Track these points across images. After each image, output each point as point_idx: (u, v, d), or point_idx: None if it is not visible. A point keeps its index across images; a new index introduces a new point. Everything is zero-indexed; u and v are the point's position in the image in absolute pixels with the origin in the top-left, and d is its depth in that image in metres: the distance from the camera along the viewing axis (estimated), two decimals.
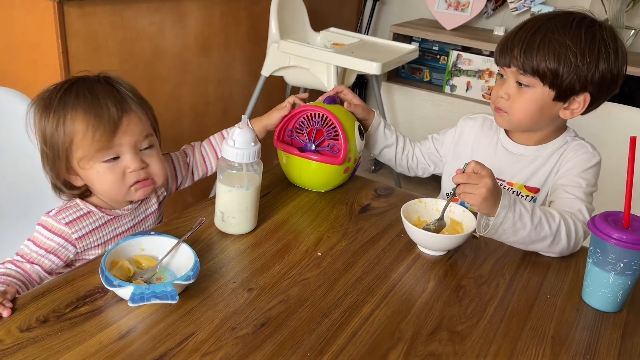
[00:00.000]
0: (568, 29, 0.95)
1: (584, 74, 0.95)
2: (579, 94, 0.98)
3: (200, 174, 1.12)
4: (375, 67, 1.88)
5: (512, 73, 1.00)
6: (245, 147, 0.88)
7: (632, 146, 0.76)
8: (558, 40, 0.95)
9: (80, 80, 0.89)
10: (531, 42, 0.96)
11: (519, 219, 0.88)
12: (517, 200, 0.89)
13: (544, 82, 0.97)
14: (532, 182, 1.06)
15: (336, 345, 0.72)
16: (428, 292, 0.84)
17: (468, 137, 1.15)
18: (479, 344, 0.74)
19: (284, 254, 0.90)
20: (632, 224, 0.78)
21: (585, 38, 0.94)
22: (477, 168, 0.87)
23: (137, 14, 1.79)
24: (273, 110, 1.11)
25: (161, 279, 0.81)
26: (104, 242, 0.93)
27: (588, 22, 0.97)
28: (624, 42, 2.29)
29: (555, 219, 0.91)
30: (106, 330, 0.70)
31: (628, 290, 0.81)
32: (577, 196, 0.97)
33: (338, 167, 1.07)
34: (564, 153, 1.04)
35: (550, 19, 0.98)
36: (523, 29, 0.99)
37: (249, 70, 2.34)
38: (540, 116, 1.01)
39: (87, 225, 0.90)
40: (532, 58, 0.96)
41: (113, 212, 0.94)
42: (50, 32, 1.58)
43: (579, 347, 0.75)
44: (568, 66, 0.95)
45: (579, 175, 1.00)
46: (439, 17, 2.61)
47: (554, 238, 0.91)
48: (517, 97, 1.01)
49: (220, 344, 0.70)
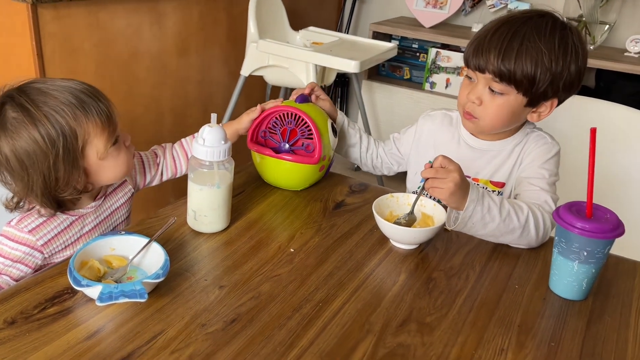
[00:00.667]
0: (543, 34, 0.94)
1: (557, 81, 0.95)
2: (548, 100, 0.99)
3: (170, 175, 1.13)
4: (353, 65, 1.89)
5: (484, 79, 0.98)
6: (216, 145, 0.89)
7: (592, 138, 0.78)
8: (535, 48, 0.93)
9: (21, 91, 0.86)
10: (509, 50, 0.94)
11: (487, 212, 0.90)
12: (486, 194, 0.90)
13: (518, 90, 0.97)
14: (497, 177, 1.08)
15: (306, 338, 0.73)
16: (399, 285, 0.85)
17: (429, 134, 1.16)
18: (447, 335, 0.76)
19: (256, 251, 0.91)
20: (594, 214, 0.80)
21: (559, 45, 0.94)
22: (444, 162, 0.88)
23: (113, 16, 1.78)
24: (243, 114, 1.12)
25: (132, 278, 0.81)
26: (72, 243, 0.93)
27: (560, 26, 0.96)
28: (600, 37, 2.33)
29: (523, 211, 0.92)
30: (74, 331, 0.70)
31: (593, 278, 0.82)
32: (542, 187, 0.99)
33: (313, 166, 1.08)
34: (525, 145, 1.06)
35: (524, 23, 0.95)
36: (498, 33, 0.96)
37: (229, 71, 2.34)
38: (510, 121, 1.02)
39: (52, 229, 0.90)
40: (510, 66, 0.94)
41: (77, 212, 0.94)
42: (24, 35, 1.57)
43: (545, 335, 0.77)
44: (544, 75, 0.94)
45: (541, 166, 1.02)
46: (417, 15, 2.63)
47: (522, 230, 0.92)
48: (489, 103, 0.99)
49: (190, 341, 0.70)
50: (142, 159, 1.08)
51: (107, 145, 0.89)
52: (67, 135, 0.84)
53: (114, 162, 0.92)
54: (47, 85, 0.86)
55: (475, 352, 0.73)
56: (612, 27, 2.36)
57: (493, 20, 1.01)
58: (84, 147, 0.87)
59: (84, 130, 0.86)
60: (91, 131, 0.87)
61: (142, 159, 1.08)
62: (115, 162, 0.92)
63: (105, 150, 0.89)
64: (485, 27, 1.00)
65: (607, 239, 0.78)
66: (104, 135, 0.89)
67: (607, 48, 2.42)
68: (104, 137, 0.89)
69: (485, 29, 0.99)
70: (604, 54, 2.30)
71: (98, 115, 0.87)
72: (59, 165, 0.84)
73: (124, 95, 1.91)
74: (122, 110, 1.96)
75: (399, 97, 2.67)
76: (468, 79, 1.03)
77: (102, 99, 0.89)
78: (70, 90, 0.86)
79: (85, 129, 0.86)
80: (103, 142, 0.89)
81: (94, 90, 0.89)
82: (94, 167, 0.90)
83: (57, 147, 0.83)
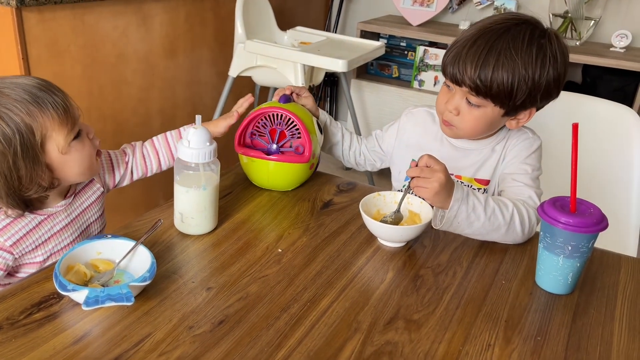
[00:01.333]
0: (520, 47, 0.92)
1: (535, 92, 0.95)
2: (526, 109, 0.99)
3: (140, 174, 1.12)
4: (341, 64, 1.89)
5: (461, 91, 0.98)
6: (201, 146, 0.89)
7: (574, 132, 0.78)
8: (511, 61, 0.92)
9: None
10: (485, 65, 0.93)
11: (472, 211, 0.90)
12: (470, 193, 0.91)
13: (495, 103, 0.97)
14: (480, 175, 1.08)
15: (294, 338, 0.73)
16: (386, 283, 0.86)
17: (412, 132, 1.16)
18: (434, 331, 0.76)
19: (244, 252, 0.91)
20: (578, 208, 0.81)
21: (536, 55, 0.93)
22: (430, 162, 0.88)
23: (99, 18, 1.78)
24: (220, 118, 1.13)
25: (119, 282, 0.81)
26: (43, 242, 0.92)
27: (538, 35, 0.94)
28: (585, 33, 2.35)
29: (508, 208, 0.93)
30: (61, 336, 0.70)
31: (578, 273, 0.83)
32: (526, 183, 1.00)
33: (304, 165, 1.08)
34: (508, 141, 1.06)
35: (501, 36, 0.94)
36: (475, 47, 0.94)
37: (217, 71, 2.34)
38: (488, 129, 1.03)
39: (20, 229, 0.89)
40: (487, 82, 0.93)
41: (46, 211, 0.93)
42: (9, 39, 1.56)
43: (531, 329, 0.77)
44: (521, 88, 0.93)
45: (523, 162, 1.03)
46: (405, 13, 2.64)
47: (508, 227, 0.93)
48: (466, 114, 0.99)
49: (177, 343, 0.70)
50: (111, 157, 1.07)
51: (68, 138, 0.88)
52: (23, 132, 0.83)
53: (79, 155, 0.90)
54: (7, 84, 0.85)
55: (462, 348, 0.73)
56: (598, 22, 2.38)
57: (471, 28, 0.99)
58: (43, 142, 0.85)
59: (40, 125, 0.84)
60: (48, 125, 0.85)
61: (111, 157, 1.07)
62: (80, 155, 0.90)
63: (66, 143, 0.88)
64: (463, 37, 0.98)
65: (591, 233, 0.79)
66: (63, 129, 0.87)
67: (592, 43, 2.43)
68: (64, 131, 0.87)
69: (463, 39, 0.97)
70: (589, 49, 2.32)
71: (54, 108, 0.85)
72: (19, 163, 0.83)
73: (111, 98, 1.90)
74: (110, 112, 1.97)
75: (388, 96, 2.68)
76: (447, 86, 1.03)
77: (56, 92, 0.87)
78: (22, 86, 0.85)
79: (42, 124, 0.84)
80: (63, 135, 0.87)
81: (47, 85, 0.88)
82: (58, 162, 0.88)
83: (14, 146, 0.82)
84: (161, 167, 1.14)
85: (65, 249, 0.94)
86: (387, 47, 2.64)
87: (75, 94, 1.74)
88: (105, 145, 1.01)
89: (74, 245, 0.95)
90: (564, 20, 2.37)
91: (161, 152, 1.13)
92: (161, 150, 1.12)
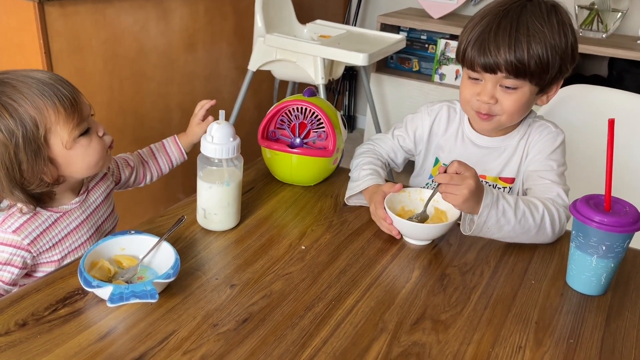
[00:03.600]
0: (542, 19, 0.93)
1: (565, 60, 0.95)
2: (557, 81, 0.98)
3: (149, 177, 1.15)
4: (362, 58, 1.87)
5: (495, 78, 0.95)
6: (224, 142, 0.88)
7: (610, 129, 0.76)
8: (541, 35, 0.92)
9: None
10: (518, 44, 0.91)
11: (502, 215, 0.87)
12: (500, 197, 0.88)
13: (531, 82, 0.95)
14: (505, 173, 1.05)
15: (319, 338, 0.72)
16: (412, 282, 0.84)
17: (434, 132, 1.12)
18: (462, 332, 0.74)
19: (267, 249, 0.90)
20: (613, 207, 0.78)
21: (557, 24, 0.94)
22: (460, 169, 0.85)
23: (119, 12, 1.77)
24: (193, 124, 1.14)
25: (142, 278, 0.80)
26: (59, 240, 0.91)
27: (550, 5, 0.96)
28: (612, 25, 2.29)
29: (538, 209, 0.90)
30: (86, 332, 0.69)
31: (611, 273, 0.80)
32: (552, 180, 0.97)
33: (328, 159, 1.07)
34: (530, 137, 1.03)
35: (522, 12, 0.93)
36: (501, 29, 0.92)
37: (236, 65, 2.33)
38: (526, 111, 1.01)
39: (36, 227, 0.88)
40: (524, 61, 0.91)
41: (61, 209, 0.92)
42: (31, 33, 1.57)
43: (563, 332, 0.75)
44: (555, 60, 0.94)
45: (548, 157, 1.00)
46: (426, 6, 2.60)
47: (538, 229, 0.90)
48: (504, 100, 0.96)
49: (202, 342, 0.70)
50: (116, 160, 1.09)
51: (73, 133, 0.86)
52: (27, 125, 0.82)
53: (83, 152, 0.88)
54: (8, 76, 0.84)
55: (492, 349, 0.72)
56: (625, 14, 2.32)
57: (482, 13, 0.96)
58: (47, 135, 0.84)
59: (44, 118, 0.83)
60: (53, 119, 0.84)
61: (116, 159, 1.09)
62: (84, 152, 0.88)
63: (70, 138, 0.86)
64: (479, 24, 0.95)
65: (627, 232, 0.76)
66: (69, 124, 0.85)
67: (619, 36, 2.37)
68: (69, 126, 0.85)
69: (481, 26, 0.94)
70: (616, 42, 2.26)
71: (60, 102, 0.84)
72: (20, 156, 0.82)
73: (132, 92, 1.90)
74: (130, 107, 1.97)
75: (408, 90, 2.64)
76: (472, 79, 0.98)
77: (65, 87, 0.86)
78: (31, 79, 0.84)
79: (47, 117, 0.83)
80: (67, 130, 0.85)
81: (57, 78, 0.87)
82: (62, 158, 0.87)
83: (16, 138, 0.81)
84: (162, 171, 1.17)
85: (81, 247, 0.94)
86: (407, 40, 2.60)
87: (96, 89, 1.76)
88: (125, 139, 1.01)
89: (89, 243, 0.95)
90: (590, 12, 2.31)
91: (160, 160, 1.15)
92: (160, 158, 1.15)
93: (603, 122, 0.83)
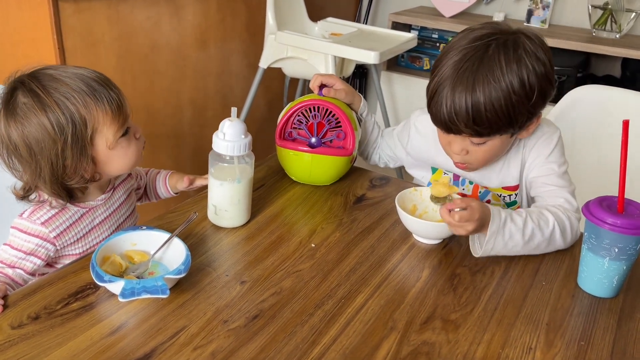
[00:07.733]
0: (500, 70, 0.85)
1: (534, 104, 0.89)
2: (532, 119, 0.93)
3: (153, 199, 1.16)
4: (373, 56, 1.86)
5: (460, 137, 0.93)
6: (236, 139, 0.88)
7: (624, 130, 0.75)
8: (501, 92, 0.85)
9: (33, 77, 0.85)
10: (476, 109, 0.86)
11: (509, 239, 0.86)
12: (508, 220, 0.86)
13: (501, 134, 0.92)
14: (507, 182, 1.04)
15: (328, 336, 0.72)
16: (422, 281, 0.84)
17: (425, 151, 1.10)
18: (472, 332, 0.74)
19: (277, 246, 0.90)
20: (626, 209, 0.77)
21: (518, 70, 0.86)
22: (462, 205, 0.83)
23: (133, 9, 1.78)
24: (178, 184, 1.12)
25: (153, 273, 0.81)
26: (83, 235, 0.93)
27: (511, 45, 0.87)
28: (626, 25, 2.26)
29: (549, 224, 0.89)
30: (97, 326, 0.70)
31: (624, 276, 0.80)
32: (557, 184, 0.96)
33: (347, 158, 1.07)
34: (525, 142, 1.01)
35: (479, 69, 0.86)
36: (457, 92, 0.87)
37: (248, 63, 2.33)
38: (502, 152, 0.98)
39: (64, 221, 0.90)
40: (485, 124, 0.87)
41: (88, 205, 0.93)
42: (45, 29, 1.58)
43: (574, 333, 0.75)
44: (520, 111, 0.88)
45: (547, 160, 0.98)
46: (437, 5, 2.58)
47: (548, 243, 0.90)
48: (474, 153, 0.95)
49: (212, 337, 0.70)
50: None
51: (117, 134, 0.88)
52: (77, 123, 0.83)
53: (123, 152, 0.91)
54: (59, 72, 0.85)
55: (502, 350, 0.71)
56: (639, 15, 2.30)
57: (441, 64, 0.92)
58: (93, 135, 0.86)
59: (93, 118, 0.85)
60: (101, 120, 0.86)
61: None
62: (124, 152, 0.91)
63: (114, 139, 0.88)
64: (442, 73, 0.91)
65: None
66: (114, 125, 0.87)
67: (633, 36, 2.35)
68: (114, 127, 0.87)
69: (444, 78, 0.90)
70: (630, 42, 2.24)
71: (109, 103, 0.86)
72: (67, 152, 0.83)
73: (144, 88, 1.91)
74: (142, 103, 1.98)
75: (419, 88, 2.63)
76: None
77: (113, 88, 0.88)
78: (82, 77, 0.85)
79: (95, 117, 0.85)
80: (113, 131, 0.88)
81: (105, 79, 0.89)
82: (103, 157, 0.89)
83: (65, 134, 0.83)
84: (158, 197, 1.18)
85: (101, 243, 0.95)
86: (418, 38, 2.59)
87: None
88: None
89: None
90: (603, 12, 2.29)
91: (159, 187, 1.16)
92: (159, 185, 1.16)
93: (616, 122, 0.81)
